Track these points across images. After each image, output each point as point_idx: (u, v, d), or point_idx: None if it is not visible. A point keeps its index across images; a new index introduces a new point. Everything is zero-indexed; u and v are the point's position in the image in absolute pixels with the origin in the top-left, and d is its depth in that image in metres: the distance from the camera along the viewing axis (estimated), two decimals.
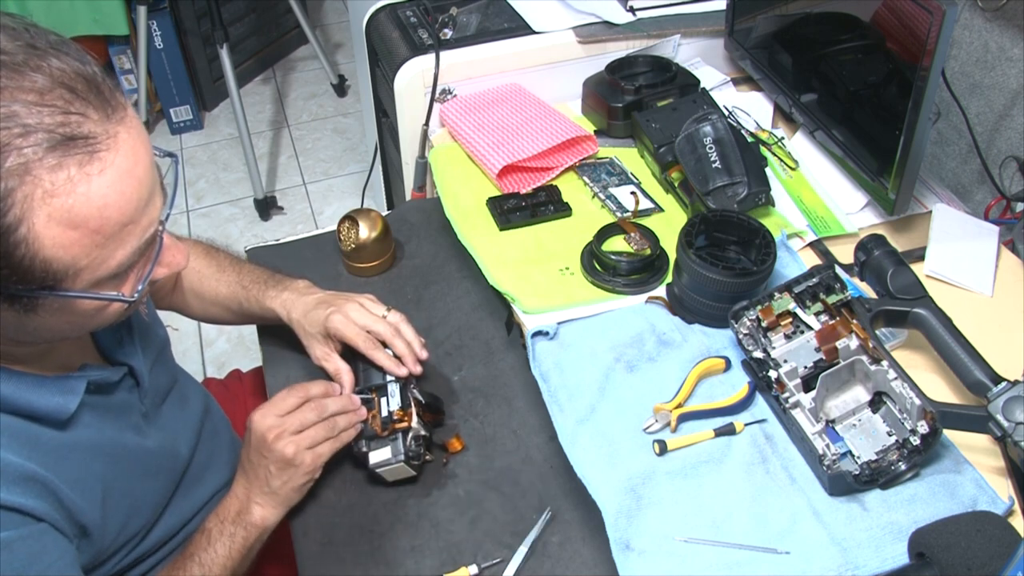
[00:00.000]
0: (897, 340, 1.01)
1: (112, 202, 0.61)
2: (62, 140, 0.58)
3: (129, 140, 0.62)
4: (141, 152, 0.64)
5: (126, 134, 0.62)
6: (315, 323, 0.97)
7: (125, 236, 0.64)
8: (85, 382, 0.75)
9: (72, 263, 0.61)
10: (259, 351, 1.11)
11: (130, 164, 0.62)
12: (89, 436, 0.76)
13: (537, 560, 0.86)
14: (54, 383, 0.73)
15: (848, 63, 1.22)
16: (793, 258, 1.12)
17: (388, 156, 1.73)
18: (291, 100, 3.05)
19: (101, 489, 0.76)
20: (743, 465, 0.88)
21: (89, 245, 0.61)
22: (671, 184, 1.22)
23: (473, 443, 0.97)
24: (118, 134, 0.61)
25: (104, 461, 0.77)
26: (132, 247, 0.65)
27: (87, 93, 0.60)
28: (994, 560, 0.69)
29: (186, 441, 0.92)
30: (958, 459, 0.88)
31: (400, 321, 0.98)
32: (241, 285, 1.04)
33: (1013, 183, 1.25)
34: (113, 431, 0.79)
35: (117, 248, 0.64)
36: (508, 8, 1.47)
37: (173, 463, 0.90)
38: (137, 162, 0.63)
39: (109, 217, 0.61)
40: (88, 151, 0.59)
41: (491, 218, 1.20)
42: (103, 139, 0.60)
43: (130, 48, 2.65)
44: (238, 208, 2.59)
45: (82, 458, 0.74)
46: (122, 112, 0.62)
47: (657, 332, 1.02)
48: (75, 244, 0.61)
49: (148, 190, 0.65)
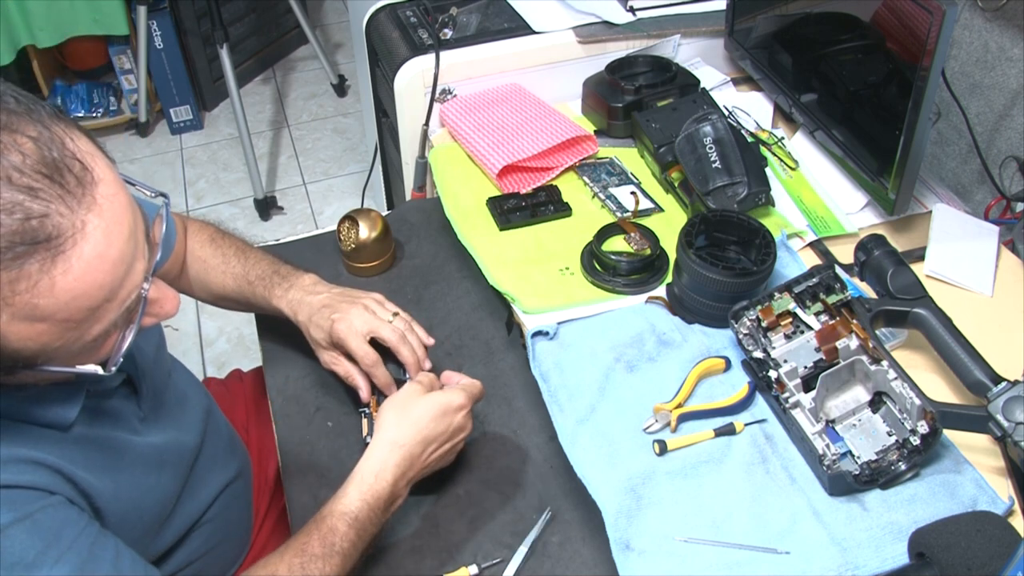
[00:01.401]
0: (897, 340, 1.01)
1: (81, 293, 0.57)
2: (22, 246, 0.53)
3: (101, 225, 0.57)
4: (115, 232, 0.59)
5: (97, 220, 0.57)
6: (320, 329, 0.96)
7: (100, 315, 0.61)
8: (83, 391, 0.74)
9: (42, 349, 0.59)
10: (259, 351, 1.11)
11: (102, 249, 0.58)
12: (88, 434, 0.76)
13: (537, 560, 0.86)
14: (53, 393, 0.72)
15: (848, 63, 1.22)
16: (793, 258, 1.12)
17: (388, 156, 1.73)
18: (291, 100, 3.05)
19: (110, 478, 0.76)
20: (743, 465, 0.88)
21: (59, 332, 0.59)
22: (671, 184, 1.22)
23: (473, 443, 0.97)
24: (86, 224, 0.56)
25: (107, 454, 0.77)
26: (109, 321, 0.62)
27: (52, 184, 0.55)
28: (994, 560, 0.69)
29: (192, 439, 0.92)
30: (958, 459, 0.88)
31: (407, 328, 0.96)
32: (247, 280, 1.02)
33: (1013, 183, 1.25)
34: (110, 431, 0.79)
35: (92, 326, 0.61)
36: (508, 8, 1.47)
37: (180, 459, 0.89)
38: (111, 244, 0.58)
39: (79, 307, 0.58)
40: (51, 253, 0.55)
41: (491, 218, 1.20)
42: (69, 234, 0.55)
43: (130, 48, 2.65)
44: (238, 208, 2.59)
45: (86, 451, 0.74)
46: (92, 193, 0.57)
47: (657, 332, 1.02)
48: (43, 334, 0.58)
49: (126, 265, 0.61)
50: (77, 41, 2.53)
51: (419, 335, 0.98)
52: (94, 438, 0.76)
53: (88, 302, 0.58)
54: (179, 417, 0.91)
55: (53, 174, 0.55)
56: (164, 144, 2.83)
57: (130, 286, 0.62)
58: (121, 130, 2.83)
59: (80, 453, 0.73)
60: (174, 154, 2.80)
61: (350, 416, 1.01)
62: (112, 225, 0.58)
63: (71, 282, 0.56)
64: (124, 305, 0.62)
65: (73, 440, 0.73)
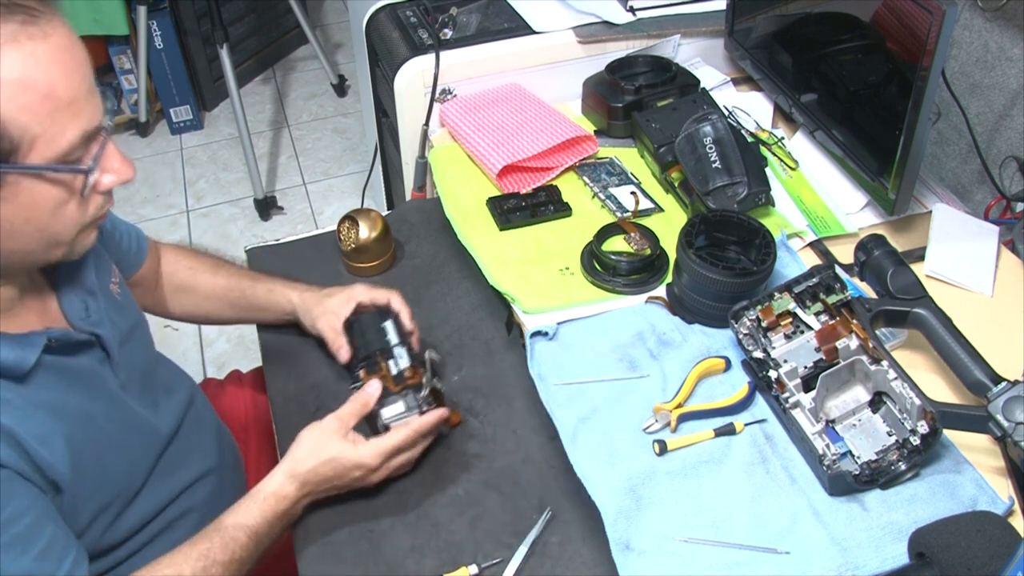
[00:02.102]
0: (897, 340, 1.01)
1: (57, 71, 0.66)
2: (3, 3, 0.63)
3: (65, 29, 0.67)
4: (77, 44, 0.69)
5: (62, 25, 0.67)
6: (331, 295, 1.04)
7: (75, 111, 0.67)
8: (44, 338, 0.76)
9: (26, 128, 0.65)
10: (259, 351, 1.11)
11: (68, 44, 0.67)
12: (52, 398, 0.76)
13: (537, 560, 0.86)
14: (14, 338, 0.74)
15: (848, 63, 1.22)
16: (793, 258, 1.12)
17: (388, 156, 1.73)
18: (291, 100, 3.05)
19: (68, 449, 0.76)
20: (743, 465, 0.88)
21: (41, 112, 0.65)
22: (671, 184, 1.22)
23: (473, 443, 0.97)
24: (55, 17, 0.67)
25: (69, 422, 0.77)
26: (82, 126, 0.68)
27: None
28: (994, 560, 0.69)
29: (167, 424, 0.93)
30: (958, 459, 0.88)
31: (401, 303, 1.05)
32: (247, 276, 1.08)
33: (1013, 183, 1.25)
34: (79, 396, 0.80)
35: (68, 123, 0.67)
36: (508, 8, 1.47)
37: (150, 440, 0.90)
38: (74, 45, 0.68)
39: (56, 84, 0.65)
40: (29, 15, 0.64)
41: (491, 218, 1.20)
42: (43, 14, 0.65)
43: (130, 48, 2.65)
44: (238, 208, 2.59)
45: (46, 416, 0.75)
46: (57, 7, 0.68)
47: (657, 332, 1.02)
48: (27, 108, 0.64)
49: (88, 79, 0.69)
50: None
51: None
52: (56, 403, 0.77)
53: (64, 85, 0.66)
54: (159, 401, 0.93)
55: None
56: (164, 144, 2.83)
57: (94, 107, 0.70)
58: (121, 130, 2.83)
59: (38, 420, 0.74)
60: (174, 154, 2.80)
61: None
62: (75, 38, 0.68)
63: (49, 53, 0.65)
64: (92, 123, 0.69)
65: (34, 404, 0.74)
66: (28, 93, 0.64)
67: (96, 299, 0.85)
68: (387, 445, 0.88)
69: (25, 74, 0.64)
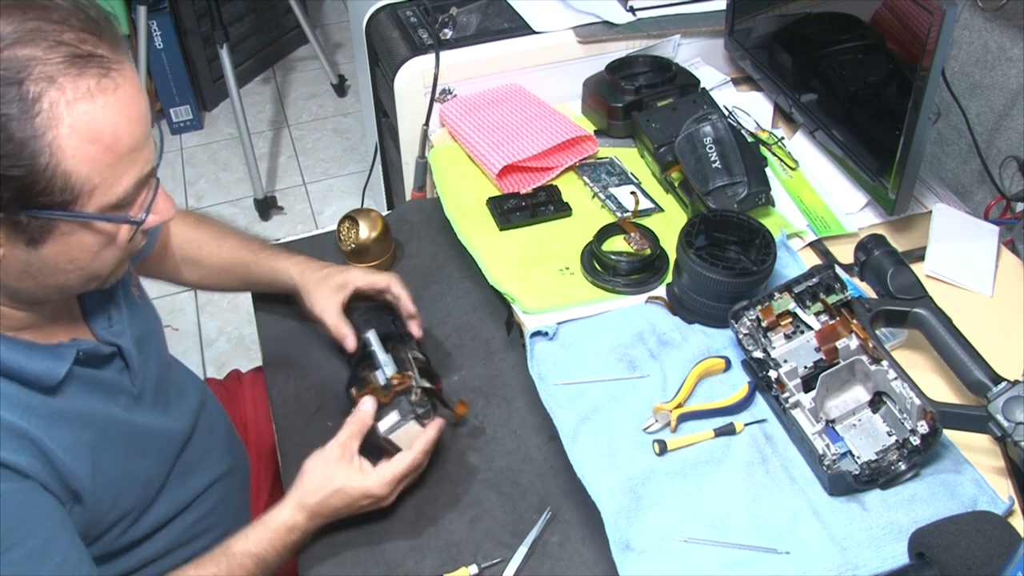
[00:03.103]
0: (897, 340, 1.01)
1: (123, 121, 0.67)
2: (81, 56, 0.64)
3: (131, 74, 0.68)
4: (141, 90, 0.70)
5: (129, 69, 0.68)
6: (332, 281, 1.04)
7: (133, 159, 0.68)
8: (75, 350, 0.77)
9: (87, 179, 0.66)
10: (259, 351, 1.11)
11: (134, 93, 0.68)
12: (78, 407, 0.77)
13: (537, 560, 0.86)
14: (45, 349, 0.75)
15: (848, 63, 1.22)
16: (793, 258, 1.12)
17: (388, 156, 1.73)
18: (291, 100, 3.05)
19: (91, 458, 0.77)
20: (743, 465, 0.88)
21: (103, 163, 0.66)
22: (671, 184, 1.22)
23: (473, 443, 0.97)
24: (123, 63, 0.67)
25: (93, 432, 0.78)
26: (137, 174, 0.69)
27: (99, 24, 0.66)
28: (994, 560, 0.69)
29: (180, 429, 0.93)
30: (958, 459, 0.88)
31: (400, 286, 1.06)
32: (249, 250, 1.09)
33: (1013, 183, 1.25)
34: (102, 405, 0.80)
35: (125, 171, 0.68)
36: (508, 8, 1.47)
37: (166, 446, 0.90)
38: (139, 93, 0.69)
39: (120, 136, 0.66)
40: (103, 69, 0.65)
41: (491, 218, 1.20)
42: (114, 63, 0.66)
43: (130, 48, 2.65)
44: (238, 208, 2.59)
45: (71, 425, 0.76)
46: (126, 52, 0.69)
47: (657, 332, 1.02)
48: (91, 159, 0.65)
49: (147, 125, 0.70)
50: None
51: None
52: (81, 412, 0.77)
53: (127, 136, 0.67)
54: (173, 405, 0.93)
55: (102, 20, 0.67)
56: (164, 144, 2.83)
57: (149, 151, 0.71)
58: None
59: (64, 429, 0.74)
60: (174, 154, 2.80)
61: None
62: (138, 83, 0.69)
63: (118, 106, 0.66)
64: (147, 167, 0.71)
65: (60, 413, 0.75)
66: (94, 145, 0.65)
67: (119, 308, 0.86)
68: (394, 473, 0.87)
69: (93, 127, 0.65)
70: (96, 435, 0.78)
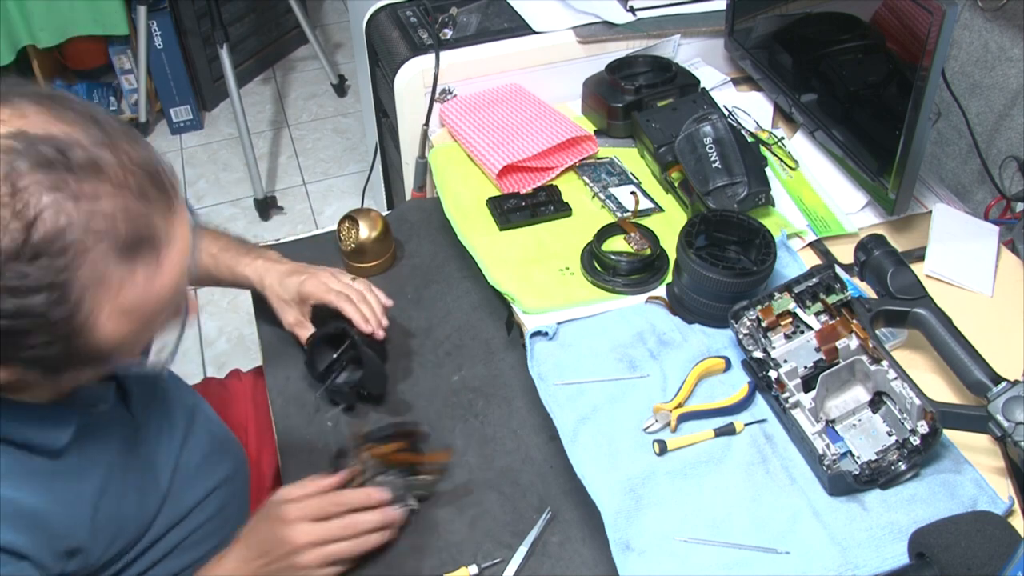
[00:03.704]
0: (897, 340, 1.01)
1: (166, 289, 0.64)
2: (133, 243, 0.60)
3: (182, 230, 0.65)
4: (188, 237, 0.66)
5: (180, 227, 0.64)
6: (289, 289, 1.03)
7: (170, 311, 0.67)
8: (76, 415, 0.74)
9: (117, 347, 0.64)
10: (259, 351, 1.11)
11: (182, 251, 0.65)
12: (79, 461, 0.75)
13: (537, 560, 0.86)
14: (48, 413, 0.73)
15: (848, 63, 1.22)
16: (793, 258, 1.12)
17: (388, 156, 1.73)
18: (291, 100, 3.05)
19: (91, 509, 0.76)
20: (743, 465, 0.88)
21: (138, 331, 0.64)
22: (671, 184, 1.22)
23: (473, 443, 0.97)
24: (174, 227, 0.64)
25: (93, 482, 0.77)
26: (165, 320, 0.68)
27: (151, 188, 0.61)
28: (994, 560, 0.69)
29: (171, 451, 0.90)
30: (958, 459, 0.88)
31: (366, 288, 1.04)
32: (209, 253, 1.06)
33: (1013, 183, 1.25)
34: (103, 450, 0.79)
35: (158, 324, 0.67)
36: (508, 8, 1.47)
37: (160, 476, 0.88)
38: (185, 248, 0.65)
39: (161, 301, 0.64)
40: (155, 254, 0.62)
41: (491, 218, 1.20)
42: (165, 237, 0.62)
43: (130, 48, 2.64)
44: (238, 208, 2.59)
45: (73, 481, 0.74)
46: (177, 201, 0.64)
47: (657, 332, 1.02)
48: (126, 332, 0.63)
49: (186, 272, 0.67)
50: (77, 41, 2.52)
51: (377, 295, 1.05)
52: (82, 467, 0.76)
53: (168, 298, 0.65)
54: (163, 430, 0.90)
55: (154, 180, 0.62)
56: (164, 144, 2.83)
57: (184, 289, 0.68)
58: None
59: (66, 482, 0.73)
60: (174, 154, 2.79)
61: (350, 416, 1.01)
62: (186, 230, 0.65)
63: (164, 281, 0.63)
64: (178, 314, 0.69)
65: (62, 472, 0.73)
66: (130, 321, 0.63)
67: None
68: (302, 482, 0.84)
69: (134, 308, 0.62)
70: (95, 484, 0.77)
